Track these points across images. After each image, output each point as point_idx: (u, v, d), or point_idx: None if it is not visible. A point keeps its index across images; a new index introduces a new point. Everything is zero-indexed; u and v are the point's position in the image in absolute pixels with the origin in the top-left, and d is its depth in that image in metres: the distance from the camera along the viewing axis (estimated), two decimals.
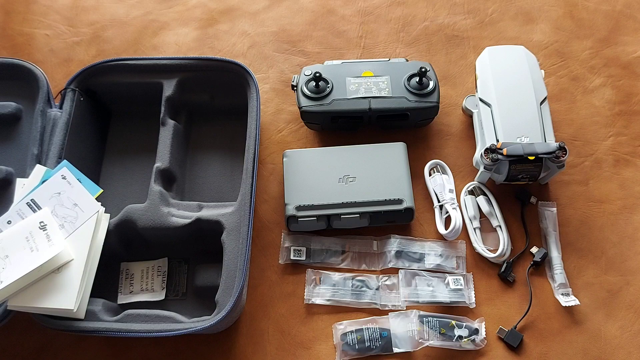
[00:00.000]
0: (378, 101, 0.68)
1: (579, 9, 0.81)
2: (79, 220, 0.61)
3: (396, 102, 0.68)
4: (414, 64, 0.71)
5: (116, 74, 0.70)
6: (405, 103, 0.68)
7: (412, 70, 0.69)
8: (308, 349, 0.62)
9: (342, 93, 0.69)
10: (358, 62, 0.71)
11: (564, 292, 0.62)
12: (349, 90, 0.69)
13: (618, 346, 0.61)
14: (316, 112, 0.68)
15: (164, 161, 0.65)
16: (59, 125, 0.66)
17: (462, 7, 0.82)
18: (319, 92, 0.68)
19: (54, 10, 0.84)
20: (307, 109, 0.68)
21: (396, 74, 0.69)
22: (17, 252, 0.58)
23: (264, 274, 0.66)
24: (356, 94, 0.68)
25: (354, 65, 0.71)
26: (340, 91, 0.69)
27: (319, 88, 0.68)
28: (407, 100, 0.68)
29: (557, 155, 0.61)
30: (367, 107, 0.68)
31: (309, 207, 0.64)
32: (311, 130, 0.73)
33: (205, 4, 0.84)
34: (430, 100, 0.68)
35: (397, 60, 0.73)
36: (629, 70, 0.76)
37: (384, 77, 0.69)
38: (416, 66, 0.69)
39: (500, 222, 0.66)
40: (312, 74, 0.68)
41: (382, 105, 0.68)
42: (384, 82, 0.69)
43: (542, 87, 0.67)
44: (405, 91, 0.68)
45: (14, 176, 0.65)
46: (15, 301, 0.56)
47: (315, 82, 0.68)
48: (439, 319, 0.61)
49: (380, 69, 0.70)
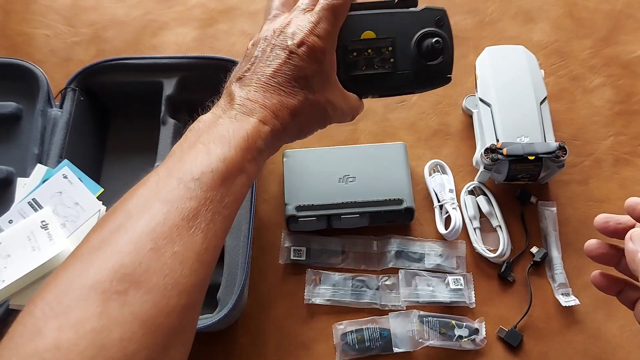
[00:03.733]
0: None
1: (579, 9, 0.81)
2: (81, 219, 0.61)
3: (400, 79, 0.51)
4: (427, 13, 0.51)
5: (116, 73, 0.70)
6: (409, 82, 0.51)
7: (426, 26, 0.51)
8: (308, 349, 0.62)
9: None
10: (358, 15, 0.50)
11: (564, 292, 0.62)
12: (347, 62, 0.50)
13: (618, 346, 0.61)
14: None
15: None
16: (59, 125, 0.67)
17: (462, 7, 0.82)
18: None
19: (54, 10, 0.84)
20: None
21: (404, 33, 0.51)
22: (19, 251, 0.58)
23: (263, 274, 0.66)
24: (354, 69, 0.50)
25: (355, 19, 0.50)
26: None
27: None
28: (411, 78, 0.51)
29: (557, 155, 0.61)
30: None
31: (309, 207, 0.65)
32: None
33: (205, 3, 0.84)
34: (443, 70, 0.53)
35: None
36: (629, 70, 0.76)
37: (387, 41, 0.51)
38: (430, 18, 0.51)
39: (500, 222, 0.66)
40: None
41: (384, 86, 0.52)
42: (387, 50, 0.51)
43: (542, 87, 0.67)
44: (412, 62, 0.51)
45: (14, 176, 0.65)
46: (17, 300, 0.56)
47: None
48: (439, 319, 0.61)
49: (384, 25, 0.51)
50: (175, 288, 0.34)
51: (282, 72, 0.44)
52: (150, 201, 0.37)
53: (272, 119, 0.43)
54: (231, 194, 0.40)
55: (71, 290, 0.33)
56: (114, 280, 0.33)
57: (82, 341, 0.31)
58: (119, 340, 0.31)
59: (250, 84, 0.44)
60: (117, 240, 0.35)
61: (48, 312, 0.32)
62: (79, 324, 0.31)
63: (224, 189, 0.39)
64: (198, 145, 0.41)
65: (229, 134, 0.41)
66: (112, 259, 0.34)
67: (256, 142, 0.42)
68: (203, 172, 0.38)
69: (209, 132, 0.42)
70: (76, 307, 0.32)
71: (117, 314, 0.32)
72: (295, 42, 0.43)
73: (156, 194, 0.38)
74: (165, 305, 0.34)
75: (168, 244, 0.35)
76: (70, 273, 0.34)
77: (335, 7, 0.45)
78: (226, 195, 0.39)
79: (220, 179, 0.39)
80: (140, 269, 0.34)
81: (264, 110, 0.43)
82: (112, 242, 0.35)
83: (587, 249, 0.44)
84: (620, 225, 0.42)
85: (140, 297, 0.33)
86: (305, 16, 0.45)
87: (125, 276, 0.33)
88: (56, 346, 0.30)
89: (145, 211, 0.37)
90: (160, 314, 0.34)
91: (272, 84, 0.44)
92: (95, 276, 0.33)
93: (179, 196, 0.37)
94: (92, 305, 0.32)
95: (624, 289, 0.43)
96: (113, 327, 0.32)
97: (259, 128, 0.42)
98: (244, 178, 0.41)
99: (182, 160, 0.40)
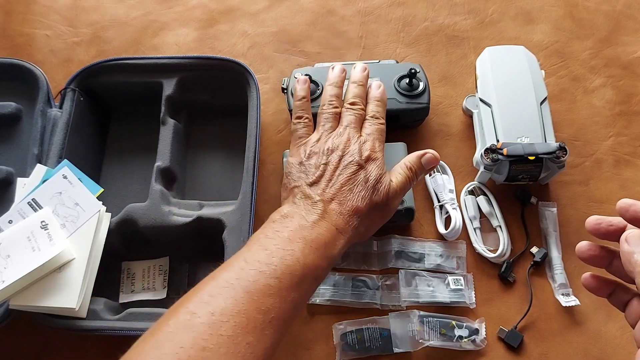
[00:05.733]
0: None
1: (579, 9, 0.81)
2: (80, 220, 0.61)
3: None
4: (404, 65, 0.70)
5: (116, 73, 0.70)
6: (396, 105, 0.68)
7: (402, 72, 0.69)
8: (308, 349, 0.62)
9: None
10: (348, 65, 0.71)
11: (564, 292, 0.62)
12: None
13: (619, 346, 0.61)
14: None
15: (164, 160, 0.66)
16: (59, 125, 0.67)
17: (463, 7, 0.82)
18: (309, 94, 0.68)
19: (54, 11, 0.85)
20: None
21: (386, 76, 0.69)
22: (19, 252, 0.58)
23: None
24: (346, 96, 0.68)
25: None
26: None
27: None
28: (397, 102, 0.68)
29: (557, 155, 0.61)
30: None
31: None
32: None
33: (206, 4, 0.84)
34: (421, 101, 0.68)
35: (387, 62, 0.73)
36: (630, 71, 0.76)
37: (374, 79, 0.68)
38: (406, 68, 0.69)
39: (501, 222, 0.66)
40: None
41: None
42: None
43: (542, 87, 0.67)
44: (395, 93, 0.68)
45: (14, 176, 0.66)
46: (17, 301, 0.56)
47: None
48: (439, 319, 0.61)
49: (370, 71, 0.69)
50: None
51: (353, 180, 0.53)
52: (232, 287, 0.41)
53: (346, 226, 0.51)
54: (302, 297, 0.44)
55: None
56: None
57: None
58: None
59: (325, 189, 0.52)
60: (194, 323, 0.39)
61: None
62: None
63: (298, 290, 0.43)
64: (281, 240, 0.46)
65: (311, 237, 0.47)
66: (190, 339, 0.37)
67: (332, 251, 0.48)
68: (284, 272, 0.43)
69: (294, 230, 0.47)
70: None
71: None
72: (363, 157, 0.55)
73: (239, 281, 0.41)
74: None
75: (243, 335, 0.38)
76: (150, 345, 0.38)
77: (383, 130, 0.60)
78: (298, 297, 0.43)
79: (297, 281, 0.43)
80: (219, 353, 0.36)
81: (339, 217, 0.51)
82: (191, 324, 0.38)
83: (579, 251, 0.44)
84: (612, 227, 0.42)
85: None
86: (363, 137, 0.57)
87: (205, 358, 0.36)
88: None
89: (226, 297, 0.40)
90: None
91: (345, 190, 0.52)
92: (176, 355, 0.36)
93: (259, 291, 0.41)
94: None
95: (615, 291, 0.43)
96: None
97: (336, 237, 0.49)
98: (314, 283, 0.46)
99: (264, 251, 0.44)
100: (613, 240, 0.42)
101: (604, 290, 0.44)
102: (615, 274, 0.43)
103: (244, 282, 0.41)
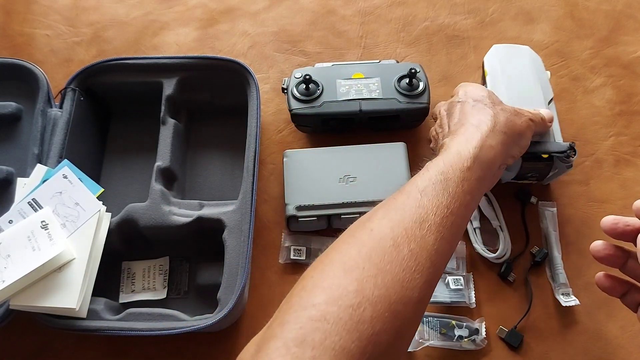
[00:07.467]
0: (368, 103, 0.68)
1: (579, 9, 0.81)
2: (81, 220, 0.61)
3: (386, 103, 0.68)
4: (405, 65, 0.71)
5: (116, 73, 0.70)
6: (396, 104, 0.68)
7: (402, 72, 0.69)
8: None
9: (333, 95, 0.68)
10: (348, 65, 0.71)
11: (564, 292, 0.62)
12: (340, 93, 0.69)
13: (619, 346, 0.61)
14: (307, 114, 0.68)
15: (164, 160, 0.66)
16: (59, 125, 0.67)
17: (463, 7, 0.82)
18: (310, 94, 0.68)
19: (55, 11, 0.85)
20: (297, 111, 0.68)
21: (387, 76, 0.70)
22: (19, 252, 0.58)
23: (264, 274, 0.66)
24: (347, 96, 0.68)
25: (345, 67, 0.71)
26: (330, 93, 0.69)
27: (309, 90, 0.68)
28: (397, 102, 0.68)
29: (567, 154, 0.61)
30: (358, 109, 0.68)
31: (309, 207, 0.64)
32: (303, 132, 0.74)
33: (206, 4, 0.84)
34: (421, 101, 0.68)
35: (387, 62, 0.73)
36: (630, 70, 0.76)
37: (374, 79, 0.69)
38: (406, 68, 0.69)
39: (501, 222, 0.66)
40: (302, 77, 0.68)
41: (373, 107, 0.68)
42: (374, 84, 0.69)
43: (548, 87, 0.67)
44: (395, 93, 0.68)
45: (14, 176, 0.66)
46: (17, 300, 0.56)
47: (306, 85, 0.68)
48: (439, 319, 0.61)
49: (371, 71, 0.70)
50: (411, 282, 0.40)
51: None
52: (389, 209, 0.45)
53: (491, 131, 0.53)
54: (456, 201, 0.45)
55: (332, 270, 0.40)
56: (365, 266, 0.39)
57: (344, 315, 0.36)
58: (370, 318, 0.36)
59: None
60: (363, 235, 0.43)
61: (317, 285, 0.39)
62: (340, 299, 0.37)
63: (447, 196, 0.45)
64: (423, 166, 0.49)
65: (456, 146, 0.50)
66: (362, 248, 0.41)
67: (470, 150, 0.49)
68: (426, 185, 0.45)
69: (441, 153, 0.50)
70: (337, 284, 0.38)
71: (369, 294, 0.37)
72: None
73: (394, 203, 0.45)
74: (402, 296, 0.39)
75: (405, 242, 0.41)
76: (328, 258, 0.41)
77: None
78: (451, 202, 0.45)
79: (441, 188, 0.45)
80: (385, 261, 0.39)
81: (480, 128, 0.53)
82: (359, 237, 0.43)
83: (594, 250, 0.43)
84: (628, 227, 0.41)
85: (385, 283, 0.38)
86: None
87: (374, 265, 0.39)
88: (324, 318, 0.36)
89: (385, 216, 0.44)
90: (400, 302, 0.38)
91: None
92: (349, 261, 0.40)
93: (409, 205, 0.44)
94: (350, 285, 0.38)
95: (629, 291, 0.43)
96: (367, 305, 0.37)
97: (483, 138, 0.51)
98: (465, 185, 0.47)
99: (413, 180, 0.47)
100: (628, 240, 0.41)
101: (617, 291, 0.43)
102: (630, 274, 0.43)
103: (398, 204, 0.45)
